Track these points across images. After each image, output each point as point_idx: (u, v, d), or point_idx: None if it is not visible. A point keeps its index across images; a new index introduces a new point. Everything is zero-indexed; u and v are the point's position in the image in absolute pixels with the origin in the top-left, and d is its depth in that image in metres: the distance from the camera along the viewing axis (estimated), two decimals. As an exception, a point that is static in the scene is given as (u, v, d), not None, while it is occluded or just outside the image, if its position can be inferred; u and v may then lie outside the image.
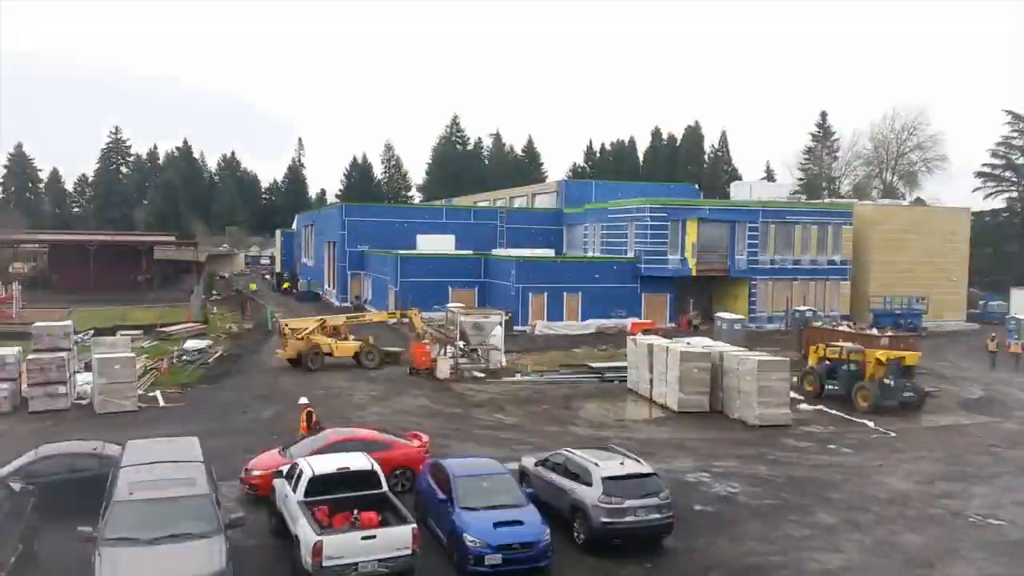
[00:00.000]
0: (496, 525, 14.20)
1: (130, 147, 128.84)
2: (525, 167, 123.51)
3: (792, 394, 28.28)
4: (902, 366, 29.41)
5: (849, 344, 31.92)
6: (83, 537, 12.58)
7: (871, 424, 27.21)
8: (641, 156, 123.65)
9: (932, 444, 25.16)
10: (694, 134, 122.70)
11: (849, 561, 15.52)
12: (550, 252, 56.32)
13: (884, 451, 24.07)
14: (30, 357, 26.46)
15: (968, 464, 22.80)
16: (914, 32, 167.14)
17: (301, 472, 14.76)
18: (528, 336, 45.32)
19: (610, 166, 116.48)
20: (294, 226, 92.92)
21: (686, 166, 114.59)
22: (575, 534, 15.72)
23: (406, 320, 37.87)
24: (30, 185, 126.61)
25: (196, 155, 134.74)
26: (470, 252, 55.31)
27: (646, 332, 38.04)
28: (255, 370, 34.85)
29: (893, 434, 26.09)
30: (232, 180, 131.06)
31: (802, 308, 48.31)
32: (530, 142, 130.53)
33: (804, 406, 29.17)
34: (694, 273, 49.66)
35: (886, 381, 28.94)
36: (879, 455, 23.54)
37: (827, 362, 31.11)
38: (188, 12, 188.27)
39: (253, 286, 75.09)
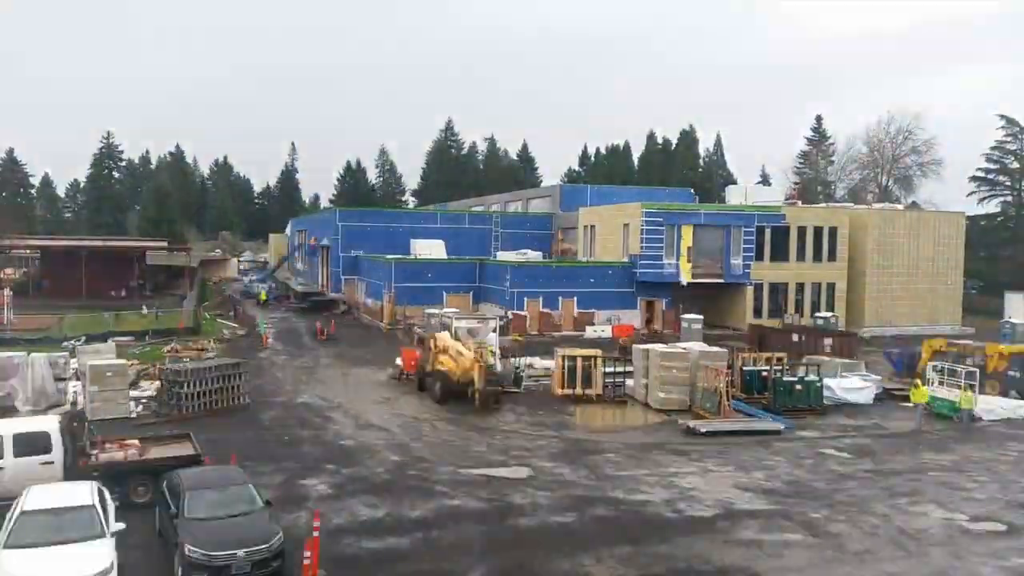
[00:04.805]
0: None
1: (122, 152, 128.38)
2: (520, 172, 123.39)
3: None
4: None
5: None
6: None
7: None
8: (636, 160, 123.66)
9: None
10: (689, 138, 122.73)
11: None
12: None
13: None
14: None
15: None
16: (910, 36, 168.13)
17: None
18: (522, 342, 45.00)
19: (605, 170, 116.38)
20: (287, 231, 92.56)
21: (681, 170, 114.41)
22: None
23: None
24: (21, 190, 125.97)
25: (189, 160, 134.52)
26: (465, 257, 55.10)
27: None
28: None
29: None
30: (225, 185, 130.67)
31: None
32: (524, 147, 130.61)
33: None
34: (689, 278, 49.37)
35: None
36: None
37: None
38: (183, 15, 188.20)
39: (263, 295, 65.69)
